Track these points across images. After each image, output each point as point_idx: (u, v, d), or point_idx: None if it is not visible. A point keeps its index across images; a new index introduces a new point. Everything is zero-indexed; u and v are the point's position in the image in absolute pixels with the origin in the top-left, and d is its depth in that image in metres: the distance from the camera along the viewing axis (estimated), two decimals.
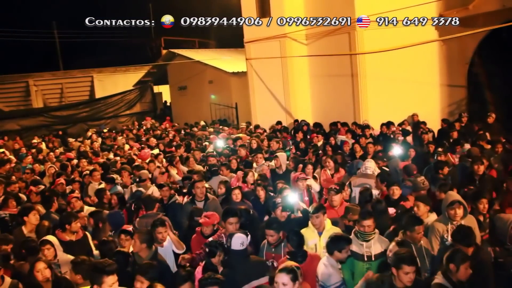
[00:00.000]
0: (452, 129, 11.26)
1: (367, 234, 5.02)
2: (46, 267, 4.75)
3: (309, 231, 5.57)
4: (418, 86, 14.11)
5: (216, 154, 11.11)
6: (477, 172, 7.30)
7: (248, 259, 4.85)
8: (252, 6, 15.93)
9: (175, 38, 33.64)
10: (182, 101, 24.18)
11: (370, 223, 5.04)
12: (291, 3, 15.43)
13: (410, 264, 4.07)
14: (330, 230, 5.48)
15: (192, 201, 7.22)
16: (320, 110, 15.75)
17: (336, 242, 4.69)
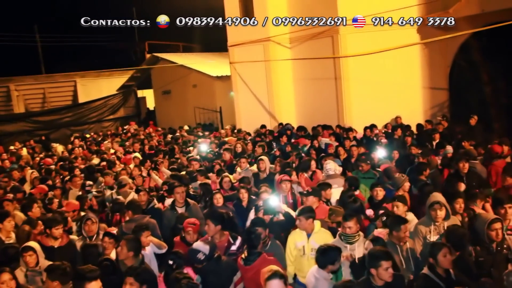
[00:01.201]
0: (435, 132, 11.34)
1: (351, 236, 5.01)
2: (11, 278, 4.55)
3: (297, 232, 5.55)
4: (401, 89, 14.21)
5: (200, 159, 11.10)
6: (462, 170, 7.36)
7: (219, 263, 4.88)
8: (236, 10, 15.91)
9: (159, 43, 33.57)
10: (166, 105, 24.07)
11: (352, 225, 5.03)
12: (275, 7, 15.43)
13: (387, 259, 4.08)
14: (319, 232, 5.46)
15: (173, 207, 7.09)
16: (304, 113, 15.78)
17: (327, 255, 4.51)
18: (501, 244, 4.84)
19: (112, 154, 13.69)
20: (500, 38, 12.62)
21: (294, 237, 5.56)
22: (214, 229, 5.47)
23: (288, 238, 5.63)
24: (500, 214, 5.23)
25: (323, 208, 6.35)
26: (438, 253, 4.28)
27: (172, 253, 5.03)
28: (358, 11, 12.64)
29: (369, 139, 11.99)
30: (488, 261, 4.66)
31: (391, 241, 4.99)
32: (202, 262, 4.87)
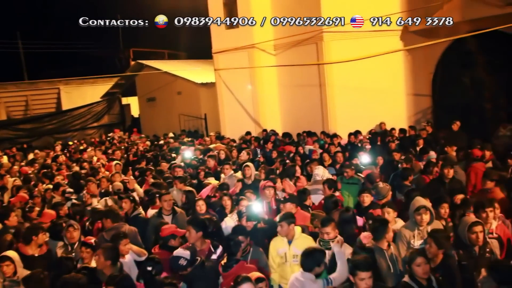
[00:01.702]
0: (418, 137, 11.42)
1: (328, 242, 4.97)
2: None
3: (278, 239, 5.50)
4: (385, 95, 14.31)
5: (184, 166, 11.03)
6: (447, 176, 7.40)
7: (203, 268, 4.85)
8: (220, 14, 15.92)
9: (144, 50, 33.45)
10: (151, 112, 23.93)
11: (329, 230, 5.00)
12: (258, 12, 15.43)
13: (365, 270, 4.02)
14: (300, 238, 5.41)
15: (159, 215, 6.97)
16: (289, 120, 15.80)
17: (312, 256, 4.46)
18: (483, 248, 4.85)
19: (96, 162, 13.54)
20: (481, 45, 12.84)
21: (275, 244, 5.51)
22: (195, 236, 5.39)
23: (270, 245, 5.57)
24: (482, 218, 5.24)
25: (301, 214, 6.32)
26: (412, 263, 4.27)
27: (149, 259, 4.95)
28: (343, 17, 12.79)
29: (353, 145, 12.02)
30: (471, 265, 4.66)
31: (378, 246, 4.95)
32: (186, 267, 4.80)
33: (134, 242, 6.01)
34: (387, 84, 14.42)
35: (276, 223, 5.66)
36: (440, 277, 4.43)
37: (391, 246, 4.98)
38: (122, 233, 5.67)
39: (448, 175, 7.39)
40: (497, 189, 6.74)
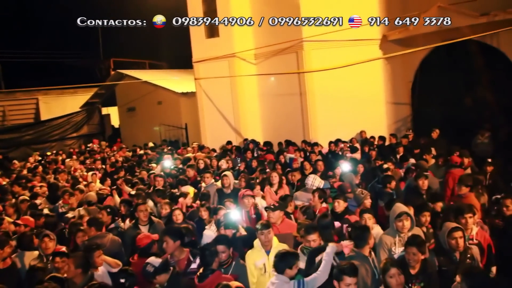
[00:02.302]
0: (399, 145, 11.49)
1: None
2: None
3: (255, 251, 5.35)
4: (365, 104, 14.39)
5: (164, 175, 10.90)
6: (422, 187, 7.40)
7: (177, 280, 4.75)
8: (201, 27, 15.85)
9: (125, 60, 33.14)
10: (131, 122, 23.64)
11: (315, 238, 4.92)
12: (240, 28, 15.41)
13: (351, 275, 3.97)
14: (278, 247, 5.26)
15: (136, 226, 6.80)
16: (269, 129, 15.75)
17: (284, 259, 4.44)
18: (464, 253, 4.81)
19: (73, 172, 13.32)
20: (457, 54, 13.02)
21: (252, 257, 5.33)
22: (173, 246, 5.25)
23: (246, 259, 5.39)
24: (461, 224, 5.21)
25: (287, 223, 6.23)
26: (386, 273, 4.24)
27: (122, 271, 4.81)
28: (322, 28, 12.80)
29: (334, 153, 12.02)
30: (451, 270, 4.61)
31: (360, 253, 4.86)
32: (153, 275, 4.66)
33: (117, 252, 5.91)
34: (367, 93, 14.51)
35: (255, 231, 5.55)
36: (421, 284, 4.38)
37: (372, 253, 4.92)
38: (95, 244, 5.49)
39: (423, 186, 7.41)
40: (471, 194, 6.77)
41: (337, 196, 6.75)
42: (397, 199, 6.40)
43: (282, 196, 7.22)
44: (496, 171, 8.45)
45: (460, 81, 13.34)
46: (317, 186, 7.77)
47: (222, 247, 5.02)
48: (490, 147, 11.64)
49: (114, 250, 6.08)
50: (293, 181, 9.26)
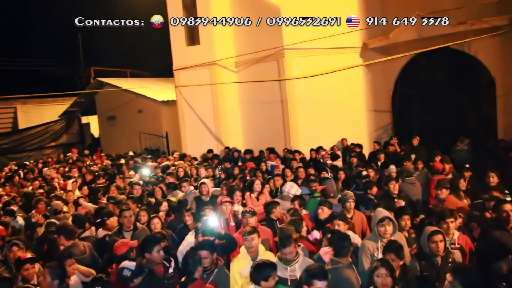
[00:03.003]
0: (380, 152, 11.51)
1: (289, 261, 4.76)
2: None
3: (241, 259, 5.20)
4: (346, 112, 14.41)
5: (143, 183, 10.74)
6: (393, 191, 7.44)
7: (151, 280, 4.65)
8: (181, 35, 15.74)
9: (106, 69, 32.83)
10: (111, 131, 23.33)
11: (291, 250, 4.78)
12: (221, 33, 15.38)
13: (322, 279, 3.84)
14: (264, 255, 5.14)
15: (120, 232, 6.63)
16: (251, 137, 15.65)
17: (260, 270, 4.26)
18: (445, 258, 4.75)
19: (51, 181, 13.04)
20: (437, 62, 13.18)
21: (238, 265, 5.18)
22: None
23: (231, 266, 5.26)
24: (443, 229, 5.15)
25: (263, 229, 6.10)
26: (374, 272, 4.15)
27: (97, 279, 4.61)
28: (303, 35, 12.89)
29: (315, 160, 11.97)
30: (432, 275, 4.54)
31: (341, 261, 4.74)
32: (131, 279, 4.54)
33: (92, 258, 5.77)
34: (348, 101, 14.55)
35: (234, 238, 5.41)
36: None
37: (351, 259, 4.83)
38: (66, 252, 5.28)
39: (394, 190, 7.42)
40: (451, 196, 6.78)
41: (321, 203, 6.65)
42: (378, 204, 6.32)
43: (267, 202, 7.09)
44: (474, 176, 8.46)
45: (439, 89, 13.48)
46: (294, 193, 7.68)
47: (205, 253, 4.89)
48: (469, 154, 11.75)
49: (89, 257, 5.89)
50: (276, 187, 9.16)
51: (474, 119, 13.03)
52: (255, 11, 13.43)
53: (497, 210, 5.48)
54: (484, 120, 12.94)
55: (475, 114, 13.11)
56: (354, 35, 13.77)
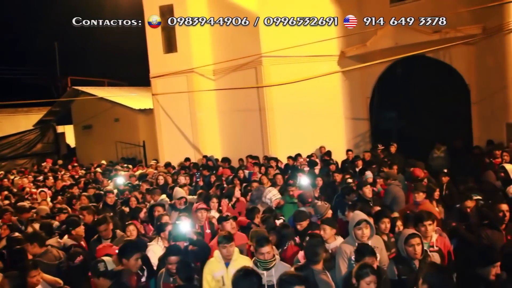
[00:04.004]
0: (358, 159, 11.52)
1: (267, 262, 4.63)
2: None
3: (214, 262, 5.08)
4: (324, 119, 14.41)
5: (118, 192, 10.54)
6: (367, 195, 7.44)
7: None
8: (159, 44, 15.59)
9: (83, 78, 32.33)
10: (87, 140, 22.93)
11: (268, 249, 4.66)
12: (198, 41, 15.28)
13: (300, 284, 3.71)
14: (238, 259, 5.02)
15: (99, 240, 6.51)
16: (229, 145, 15.53)
17: (245, 280, 3.91)
18: (423, 261, 4.67)
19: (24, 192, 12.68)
20: (413, 70, 13.32)
21: (210, 268, 5.07)
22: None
23: (203, 269, 5.13)
24: (421, 232, 5.09)
25: (239, 235, 6.01)
26: (362, 279, 3.96)
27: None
28: (281, 43, 12.89)
29: (293, 168, 11.90)
30: (410, 279, 4.46)
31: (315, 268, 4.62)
32: (99, 274, 4.48)
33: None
34: (326, 109, 14.56)
35: (207, 244, 5.26)
36: None
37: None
38: (32, 261, 5.04)
39: (368, 194, 7.39)
40: (427, 201, 6.77)
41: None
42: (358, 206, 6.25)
43: (249, 208, 6.96)
44: (451, 181, 8.49)
45: (416, 96, 13.60)
46: (270, 198, 7.58)
47: (174, 258, 4.76)
48: (446, 161, 11.83)
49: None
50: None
51: (450, 126, 13.16)
52: (233, 15, 13.35)
53: (494, 209, 5.48)
54: (460, 127, 13.08)
55: (451, 121, 13.25)
56: (331, 43, 13.85)
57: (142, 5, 15.63)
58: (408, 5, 13.35)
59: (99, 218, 6.78)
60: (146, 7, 15.52)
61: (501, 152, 9.67)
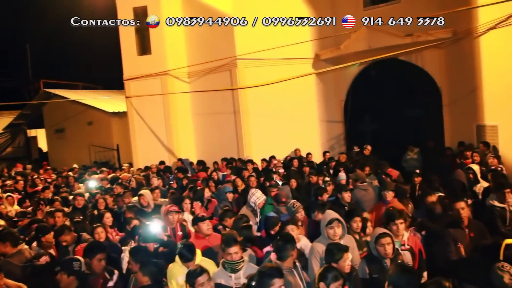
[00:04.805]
0: (332, 161, 11.58)
1: (235, 263, 4.57)
2: None
3: (176, 266, 4.96)
4: (299, 122, 14.42)
5: (90, 196, 10.34)
6: (345, 200, 7.41)
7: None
8: (132, 45, 15.40)
9: (56, 81, 31.74)
10: (60, 144, 22.51)
11: (236, 250, 4.60)
12: (173, 43, 15.15)
13: (280, 277, 3.72)
14: (201, 262, 4.91)
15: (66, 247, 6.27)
16: (204, 148, 15.40)
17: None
18: (394, 260, 4.67)
19: None
20: (386, 73, 13.47)
21: (173, 273, 4.94)
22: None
23: (167, 273, 5.01)
24: (392, 231, 5.10)
25: (216, 236, 5.92)
26: (333, 283, 3.87)
27: None
28: (256, 46, 12.88)
29: (267, 170, 11.87)
30: (382, 277, 4.44)
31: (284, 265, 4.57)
32: (71, 273, 4.39)
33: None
34: (301, 111, 14.58)
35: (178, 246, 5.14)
36: None
37: (297, 264, 4.66)
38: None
39: (347, 199, 7.40)
40: (395, 200, 6.83)
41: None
42: (327, 206, 6.24)
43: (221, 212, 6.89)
44: (424, 182, 8.58)
45: (389, 99, 13.75)
46: (254, 201, 7.49)
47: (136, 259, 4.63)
48: (419, 163, 12.00)
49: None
50: None
51: (423, 128, 13.34)
52: (208, 17, 13.29)
53: (452, 208, 5.54)
54: (432, 129, 13.28)
55: (424, 124, 13.44)
56: (306, 46, 13.92)
57: (116, 6, 15.44)
58: (381, 9, 13.53)
59: (57, 228, 6.54)
60: (120, 9, 15.35)
61: (472, 153, 9.86)
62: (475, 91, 11.20)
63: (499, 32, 9.82)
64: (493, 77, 10.53)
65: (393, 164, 10.65)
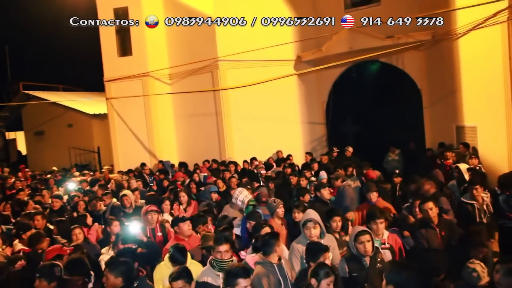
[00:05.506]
0: (314, 162, 11.59)
1: (224, 262, 4.51)
2: None
3: (163, 268, 4.89)
4: (281, 124, 14.42)
5: (69, 198, 10.17)
6: (325, 197, 7.44)
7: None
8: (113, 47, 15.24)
9: (36, 84, 31.25)
10: (39, 147, 22.10)
11: (226, 248, 4.57)
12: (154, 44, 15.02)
13: (245, 277, 3.72)
14: (191, 265, 4.83)
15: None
16: (185, 150, 15.28)
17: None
18: (374, 258, 4.66)
19: None
20: (367, 75, 13.57)
21: (161, 274, 4.87)
22: None
23: (154, 275, 4.95)
24: (373, 230, 5.10)
25: (196, 237, 5.85)
26: (324, 279, 3.92)
27: None
28: (237, 47, 12.84)
29: (249, 171, 11.84)
30: (361, 276, 4.44)
31: (268, 260, 4.54)
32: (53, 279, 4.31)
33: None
34: (283, 113, 14.59)
35: (158, 247, 5.07)
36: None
37: (282, 261, 4.62)
38: None
39: (326, 196, 7.44)
40: (380, 199, 6.88)
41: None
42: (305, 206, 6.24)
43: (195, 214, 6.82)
44: (404, 182, 8.64)
45: (370, 101, 13.84)
46: (242, 200, 7.43)
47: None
48: (400, 164, 12.09)
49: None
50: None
51: (404, 129, 13.44)
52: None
53: (421, 208, 5.58)
54: (413, 131, 13.39)
55: (404, 125, 13.55)
56: (288, 48, 13.94)
57: (96, 7, 15.26)
58: (362, 11, 13.60)
59: (33, 235, 6.33)
60: (100, 9, 15.17)
61: (452, 154, 9.98)
62: (454, 93, 11.34)
63: (478, 34, 9.93)
64: (472, 78, 10.65)
65: (375, 165, 10.69)
